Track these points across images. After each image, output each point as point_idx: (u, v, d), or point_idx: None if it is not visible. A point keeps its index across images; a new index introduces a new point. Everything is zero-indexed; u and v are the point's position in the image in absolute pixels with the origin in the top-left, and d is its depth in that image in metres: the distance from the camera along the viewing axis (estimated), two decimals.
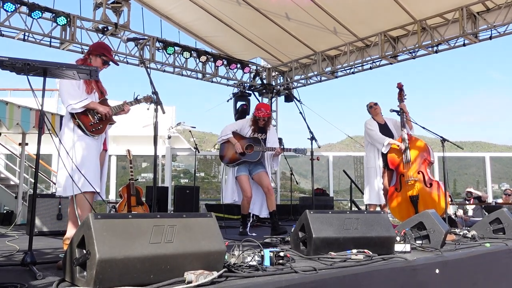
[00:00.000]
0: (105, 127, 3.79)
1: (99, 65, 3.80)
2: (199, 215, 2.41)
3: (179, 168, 16.92)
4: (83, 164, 3.52)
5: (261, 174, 5.57)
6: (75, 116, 3.62)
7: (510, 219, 4.81)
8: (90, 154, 3.62)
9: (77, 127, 3.62)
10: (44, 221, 5.49)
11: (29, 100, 7.91)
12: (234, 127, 5.70)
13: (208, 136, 48.82)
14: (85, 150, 3.59)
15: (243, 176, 5.51)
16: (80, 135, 3.61)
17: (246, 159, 5.51)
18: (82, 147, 3.58)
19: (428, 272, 3.13)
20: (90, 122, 3.66)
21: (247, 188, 5.48)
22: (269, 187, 5.55)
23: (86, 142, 3.62)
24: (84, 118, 3.65)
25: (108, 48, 3.94)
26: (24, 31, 7.31)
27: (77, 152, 3.54)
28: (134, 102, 4.00)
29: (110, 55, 3.90)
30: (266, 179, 5.56)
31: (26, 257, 2.53)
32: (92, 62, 3.79)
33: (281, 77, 11.13)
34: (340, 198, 13.39)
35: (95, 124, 3.69)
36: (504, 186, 13.49)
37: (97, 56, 3.81)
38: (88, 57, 3.83)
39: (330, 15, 8.29)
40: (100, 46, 3.99)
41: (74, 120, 3.62)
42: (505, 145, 53.43)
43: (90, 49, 3.91)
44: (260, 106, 5.72)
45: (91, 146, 3.66)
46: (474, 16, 7.57)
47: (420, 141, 5.76)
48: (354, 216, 3.25)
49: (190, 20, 9.12)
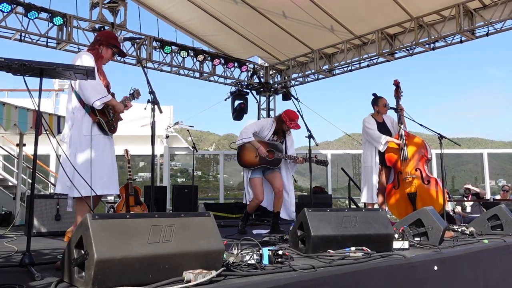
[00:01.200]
0: (117, 125, 3.70)
1: (110, 56, 3.72)
2: (197, 214, 2.40)
3: (176, 167, 16.91)
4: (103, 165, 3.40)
5: (275, 174, 5.46)
6: (97, 113, 3.44)
7: (508, 216, 4.82)
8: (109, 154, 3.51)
9: (97, 125, 3.45)
10: (43, 221, 5.47)
11: (26, 101, 7.90)
12: (254, 128, 5.48)
13: (206, 135, 48.81)
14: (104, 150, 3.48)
15: (257, 179, 5.40)
16: (97, 134, 3.45)
17: (265, 164, 5.38)
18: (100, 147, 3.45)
19: (427, 269, 3.14)
20: (107, 120, 3.53)
21: (260, 193, 5.39)
22: (280, 188, 5.43)
23: (104, 142, 3.50)
24: (103, 116, 3.50)
25: (117, 39, 3.84)
26: (20, 32, 7.28)
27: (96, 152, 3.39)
28: (131, 97, 3.96)
29: (120, 46, 3.81)
30: (278, 180, 5.45)
31: (25, 258, 2.52)
32: (103, 53, 3.68)
33: (278, 76, 11.13)
34: (338, 196, 13.41)
35: (112, 122, 3.56)
36: (501, 182, 13.53)
37: (109, 47, 3.70)
38: (99, 47, 3.69)
39: (327, 13, 8.29)
40: (111, 37, 3.85)
41: (94, 117, 3.44)
42: (502, 141, 53.55)
43: (101, 39, 3.74)
44: (294, 117, 5.38)
45: (109, 146, 3.54)
46: (471, 13, 7.58)
47: (418, 138, 5.76)
48: (353, 213, 3.25)
49: (187, 19, 9.11)
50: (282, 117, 5.47)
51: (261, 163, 5.39)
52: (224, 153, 13.05)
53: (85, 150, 3.38)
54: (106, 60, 3.74)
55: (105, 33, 4.17)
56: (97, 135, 3.47)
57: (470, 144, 48.07)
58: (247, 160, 5.44)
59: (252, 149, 5.41)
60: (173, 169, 16.42)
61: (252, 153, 5.41)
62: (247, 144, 5.41)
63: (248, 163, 5.43)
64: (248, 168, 5.45)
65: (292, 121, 5.36)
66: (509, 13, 7.15)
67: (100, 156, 3.46)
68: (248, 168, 5.45)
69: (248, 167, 5.44)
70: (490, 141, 55.71)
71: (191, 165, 9.17)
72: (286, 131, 5.53)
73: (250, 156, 5.42)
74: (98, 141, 3.46)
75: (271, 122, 5.60)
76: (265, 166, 5.42)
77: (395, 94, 6.00)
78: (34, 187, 3.35)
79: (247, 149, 5.45)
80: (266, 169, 5.48)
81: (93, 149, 3.41)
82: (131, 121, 12.01)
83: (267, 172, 5.50)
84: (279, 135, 5.54)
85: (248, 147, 5.43)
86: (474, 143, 51.04)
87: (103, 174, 3.43)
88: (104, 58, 3.70)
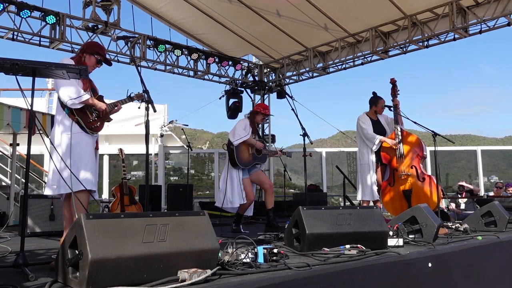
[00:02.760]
0: (102, 124, 3.73)
1: (93, 64, 3.75)
2: (192, 213, 2.40)
3: (168, 165, 16.88)
4: (81, 162, 3.45)
5: (258, 173, 5.69)
6: (74, 113, 3.51)
7: (501, 212, 4.86)
8: (88, 151, 3.56)
9: (76, 123, 3.52)
10: (37, 221, 5.45)
11: (19, 100, 7.85)
12: (243, 128, 5.68)
13: (199, 133, 48.79)
14: (84, 148, 3.51)
15: (247, 179, 5.60)
16: (78, 132, 3.52)
17: (258, 161, 5.63)
18: (80, 144, 3.50)
19: (421, 265, 3.15)
20: (89, 119, 3.58)
21: (251, 192, 5.61)
22: (270, 183, 5.70)
23: (84, 140, 3.54)
24: (83, 115, 3.56)
25: (102, 47, 3.90)
26: (13, 31, 7.23)
27: (75, 150, 3.45)
28: (128, 100, 3.96)
29: (104, 54, 3.85)
30: (264, 176, 5.72)
31: (18, 259, 2.51)
32: (86, 60, 3.72)
33: (273, 74, 11.13)
34: (333, 194, 13.44)
35: (94, 122, 3.61)
36: (493, 179, 13.62)
37: (91, 55, 3.74)
38: (82, 55, 3.75)
39: (321, 11, 8.30)
40: (94, 45, 3.94)
41: (73, 116, 3.51)
42: (495, 137, 54.00)
43: (84, 47, 3.84)
44: (265, 105, 5.97)
45: (89, 144, 3.59)
46: (464, 10, 7.61)
47: (413, 136, 5.78)
48: (347, 211, 3.27)
49: (181, 17, 9.08)
50: (255, 109, 5.82)
51: (253, 160, 5.59)
52: (219, 152, 13.03)
53: (65, 148, 3.43)
54: (91, 68, 3.78)
55: (89, 42, 4.27)
56: (78, 133, 3.53)
57: (463, 141, 48.40)
58: (244, 159, 5.56)
59: (245, 148, 5.57)
60: (166, 167, 16.38)
61: (246, 152, 5.56)
62: (241, 144, 5.56)
63: (245, 161, 5.57)
64: (244, 166, 5.58)
65: (266, 108, 5.86)
66: (501, 11, 7.19)
67: (81, 153, 3.50)
68: (245, 166, 5.58)
69: (245, 165, 5.57)
70: (482, 137, 56.14)
71: (183, 163, 9.16)
72: (259, 123, 5.88)
73: (245, 154, 5.57)
74: (78, 139, 3.51)
75: (246, 121, 5.80)
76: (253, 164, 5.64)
77: (391, 92, 6.01)
78: (28, 187, 3.33)
79: (241, 149, 5.58)
80: (251, 167, 5.67)
81: (73, 147, 3.46)
82: (125, 120, 11.99)
83: (251, 171, 5.68)
84: (254, 131, 5.78)
85: (241, 146, 5.56)
86: (466, 140, 51.40)
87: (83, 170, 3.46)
88: (87, 65, 3.71)
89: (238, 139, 5.55)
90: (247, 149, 5.61)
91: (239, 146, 5.56)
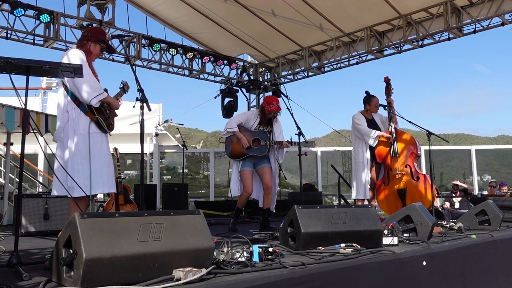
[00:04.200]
0: (114, 122, 3.65)
1: (98, 52, 3.65)
2: (187, 212, 2.39)
3: (162, 165, 16.83)
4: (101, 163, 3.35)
5: (265, 169, 5.51)
6: (94, 111, 3.39)
7: (495, 211, 4.88)
8: (107, 151, 3.46)
9: (95, 123, 3.40)
10: (31, 221, 5.42)
11: (13, 99, 7.79)
12: (239, 119, 5.61)
13: (194, 132, 48.71)
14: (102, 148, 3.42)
15: (247, 171, 5.47)
16: (95, 132, 3.40)
17: (253, 153, 5.45)
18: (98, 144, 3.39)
19: (416, 264, 3.16)
20: (105, 117, 3.48)
21: (249, 184, 5.46)
22: (269, 184, 5.50)
23: (102, 139, 3.45)
24: (100, 114, 3.45)
25: (105, 34, 3.77)
26: (6, 29, 7.19)
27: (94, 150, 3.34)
28: (122, 92, 3.92)
29: (107, 41, 3.73)
30: (268, 176, 5.50)
31: (12, 258, 2.49)
32: (91, 49, 3.61)
33: (268, 73, 11.13)
34: (328, 193, 13.46)
35: (109, 120, 3.52)
36: (486, 178, 13.70)
37: (97, 43, 3.63)
38: (87, 42, 3.63)
39: (316, 10, 8.31)
40: (99, 32, 3.77)
41: (92, 115, 3.38)
42: (488, 137, 54.35)
43: (88, 34, 3.66)
44: (271, 100, 5.51)
45: (106, 143, 3.48)
46: (458, 10, 7.64)
47: (407, 135, 5.80)
48: (342, 210, 3.27)
49: (176, 16, 9.06)
50: (262, 104, 5.60)
51: (248, 152, 5.48)
52: (214, 151, 13.01)
53: (82, 149, 3.32)
54: (95, 56, 3.68)
55: (92, 29, 4.09)
56: (95, 133, 3.41)
57: (456, 140, 48.65)
58: (236, 151, 5.52)
59: (238, 140, 5.51)
60: (160, 166, 16.33)
61: (238, 143, 5.50)
62: (233, 136, 5.52)
63: (237, 153, 5.51)
64: (237, 159, 5.53)
65: (270, 104, 5.44)
66: (495, 10, 7.23)
67: (99, 154, 3.41)
68: (238, 158, 5.52)
69: (238, 157, 5.51)
70: (476, 137, 56.46)
71: (177, 162, 9.15)
72: (273, 118, 5.56)
73: (238, 147, 5.51)
74: (96, 139, 3.41)
75: (256, 112, 5.68)
76: (255, 156, 5.48)
77: (385, 91, 6.03)
78: (22, 186, 3.31)
79: (233, 141, 5.55)
80: (258, 161, 5.53)
81: (92, 148, 3.35)
82: (120, 119, 11.92)
83: (258, 166, 5.54)
84: (265, 124, 5.58)
85: (234, 138, 5.54)
86: (460, 139, 51.66)
87: (103, 172, 3.39)
88: (93, 54, 3.65)
89: (225, 131, 5.58)
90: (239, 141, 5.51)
91: (230, 138, 5.56)
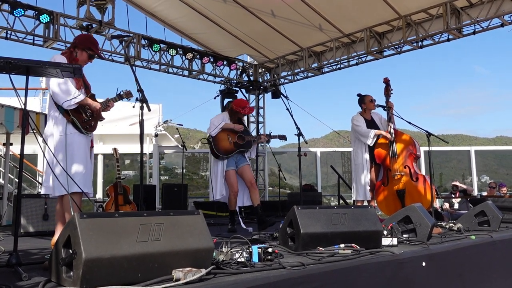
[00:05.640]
0: (96, 124, 3.69)
1: (85, 59, 3.66)
2: (187, 212, 2.39)
3: (160, 165, 16.82)
4: (77, 163, 3.41)
5: (244, 168, 5.67)
6: (70, 113, 3.46)
7: (494, 212, 4.89)
8: (83, 152, 3.52)
9: (71, 124, 3.47)
10: (30, 221, 5.41)
11: (13, 100, 7.79)
12: (218, 120, 5.71)
13: (192, 133, 48.69)
14: (78, 148, 3.47)
15: (231, 171, 5.58)
16: (73, 133, 3.48)
17: (242, 148, 5.60)
18: (74, 145, 3.45)
19: (415, 265, 3.17)
20: (84, 119, 3.54)
21: (234, 183, 5.56)
22: (252, 181, 5.65)
23: (79, 140, 3.50)
24: (77, 115, 3.51)
25: (94, 42, 3.77)
26: (6, 29, 7.19)
27: (70, 151, 3.42)
28: (118, 98, 3.92)
29: (96, 49, 3.74)
30: (249, 173, 5.68)
31: (12, 258, 2.49)
32: (78, 56, 3.63)
33: (267, 74, 11.13)
34: (328, 194, 13.46)
35: (89, 121, 3.57)
36: (484, 178, 13.72)
37: (84, 50, 3.64)
38: (73, 50, 3.66)
39: (316, 11, 8.31)
40: (86, 39, 3.80)
41: (67, 116, 3.46)
42: (486, 137, 54.39)
43: (75, 42, 3.72)
44: (243, 103, 5.80)
45: (84, 144, 3.55)
46: (458, 11, 7.65)
47: (406, 135, 5.79)
48: (342, 211, 3.27)
49: (175, 17, 9.06)
50: (234, 109, 5.74)
51: (236, 148, 5.59)
52: None
53: (60, 149, 3.40)
54: (83, 63, 3.69)
55: (81, 36, 4.11)
56: (72, 134, 3.49)
57: (455, 141, 48.68)
58: (224, 148, 5.58)
59: (224, 137, 5.59)
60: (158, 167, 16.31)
61: (226, 140, 5.58)
62: (219, 134, 5.59)
63: (225, 150, 5.58)
64: (226, 156, 5.58)
65: (244, 108, 5.72)
66: (495, 12, 7.23)
67: (76, 155, 3.47)
68: (227, 156, 5.58)
69: (226, 154, 5.57)
70: (474, 137, 56.51)
71: (175, 163, 9.15)
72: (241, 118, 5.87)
73: (225, 143, 5.59)
74: (72, 140, 3.47)
75: (226, 115, 5.82)
76: (237, 154, 5.63)
77: (385, 92, 6.03)
78: (21, 187, 3.31)
79: (220, 138, 5.61)
80: (238, 159, 5.66)
81: (68, 148, 3.42)
82: (119, 119, 11.94)
83: (239, 165, 5.67)
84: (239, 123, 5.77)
85: (220, 135, 5.59)
86: (459, 140, 51.71)
87: (78, 173, 3.43)
88: (79, 61, 3.65)
89: (214, 129, 5.61)
90: (227, 138, 5.60)
91: (217, 136, 5.60)
